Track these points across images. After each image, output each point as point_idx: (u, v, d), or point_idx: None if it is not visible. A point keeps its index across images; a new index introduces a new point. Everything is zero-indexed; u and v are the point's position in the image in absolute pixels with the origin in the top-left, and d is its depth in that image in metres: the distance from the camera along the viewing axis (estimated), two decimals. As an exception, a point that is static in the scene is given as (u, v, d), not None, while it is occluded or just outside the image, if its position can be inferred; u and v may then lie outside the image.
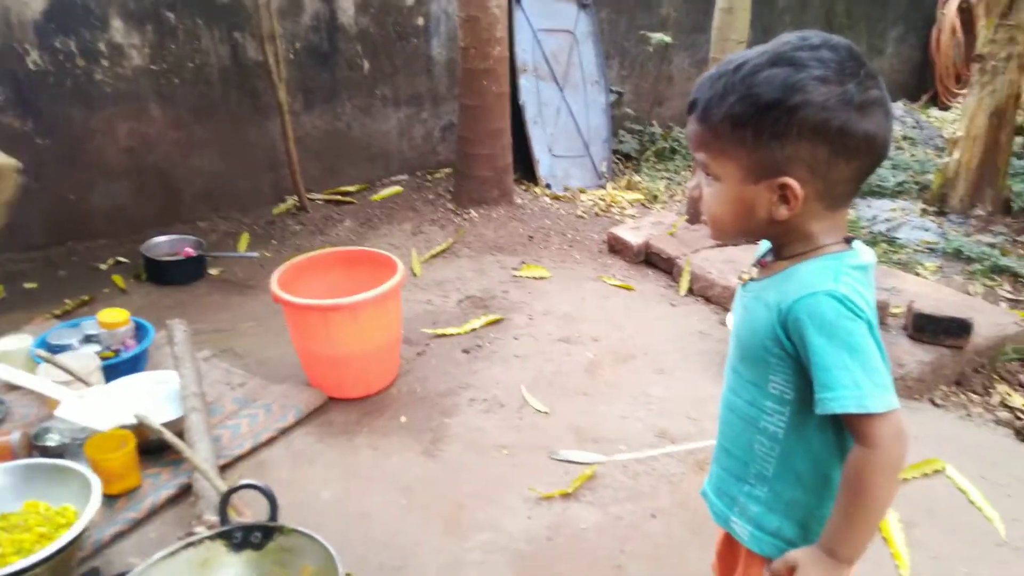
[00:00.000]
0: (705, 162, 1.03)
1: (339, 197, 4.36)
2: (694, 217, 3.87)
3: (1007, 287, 3.31)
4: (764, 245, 1.13)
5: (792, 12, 6.19)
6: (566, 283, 3.41)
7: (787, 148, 0.95)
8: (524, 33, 4.70)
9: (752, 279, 1.10)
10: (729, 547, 1.25)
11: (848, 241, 1.03)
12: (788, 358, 1.01)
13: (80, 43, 3.40)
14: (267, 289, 2.45)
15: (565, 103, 4.90)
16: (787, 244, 1.05)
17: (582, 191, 4.70)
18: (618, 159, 5.27)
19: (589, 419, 2.41)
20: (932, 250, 3.70)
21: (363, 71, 4.42)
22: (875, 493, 0.97)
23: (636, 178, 4.93)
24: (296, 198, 4.13)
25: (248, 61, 3.93)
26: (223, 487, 1.77)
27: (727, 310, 3.04)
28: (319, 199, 4.31)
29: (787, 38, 0.97)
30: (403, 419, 2.41)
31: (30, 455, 2.02)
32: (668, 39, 5.04)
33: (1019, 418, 2.42)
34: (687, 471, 2.16)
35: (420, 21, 4.56)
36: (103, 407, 2.02)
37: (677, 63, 5.76)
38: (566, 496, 2.05)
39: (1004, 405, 2.49)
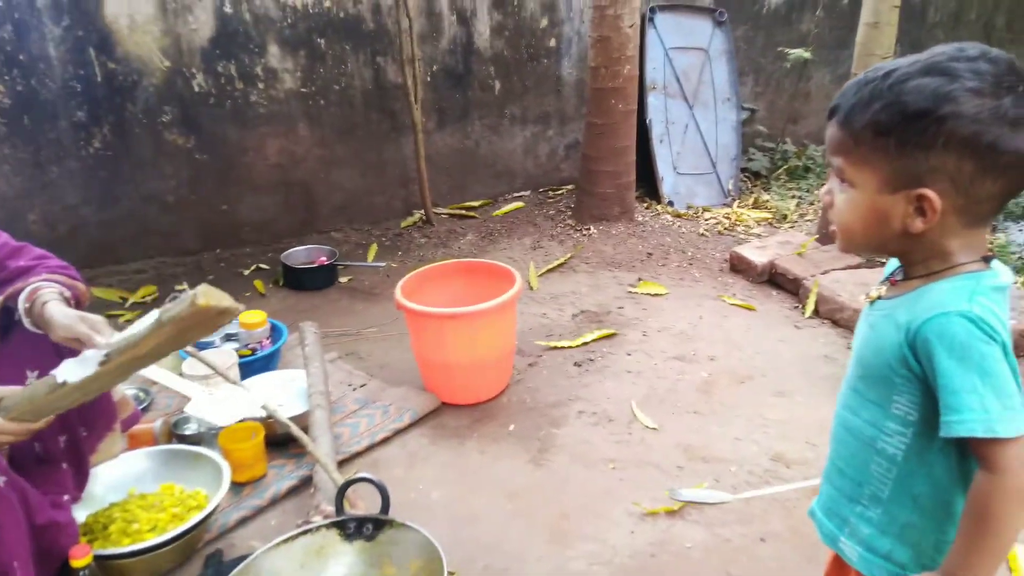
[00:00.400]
0: (841, 168, 1.00)
1: (463, 212, 4.51)
2: (826, 237, 3.69)
3: None
4: (893, 263, 1.09)
5: (944, 27, 5.80)
6: (683, 301, 3.36)
7: (931, 159, 0.91)
8: (655, 51, 4.70)
9: (880, 297, 1.07)
10: (839, 570, 1.20)
11: (987, 260, 0.98)
12: (915, 379, 0.98)
13: (240, 67, 3.73)
14: (391, 297, 2.58)
15: (694, 120, 4.83)
16: (920, 261, 1.00)
17: (706, 209, 4.60)
18: (747, 177, 5.13)
19: (700, 438, 2.35)
20: (1096, 279, 3.34)
21: (494, 91, 4.57)
22: (1002, 521, 0.92)
23: (764, 196, 4.77)
24: (423, 212, 4.32)
25: (388, 83, 4.16)
26: (340, 480, 1.88)
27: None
28: (444, 213, 4.48)
29: (942, 48, 0.94)
30: (512, 427, 2.45)
31: (170, 442, 2.23)
32: (808, 55, 4.86)
33: None
34: (801, 496, 2.06)
35: (552, 42, 4.66)
36: (230, 403, 2.19)
37: (816, 80, 5.54)
38: (671, 513, 2.02)
39: None
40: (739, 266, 3.65)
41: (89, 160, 3.44)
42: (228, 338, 2.78)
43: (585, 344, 2.97)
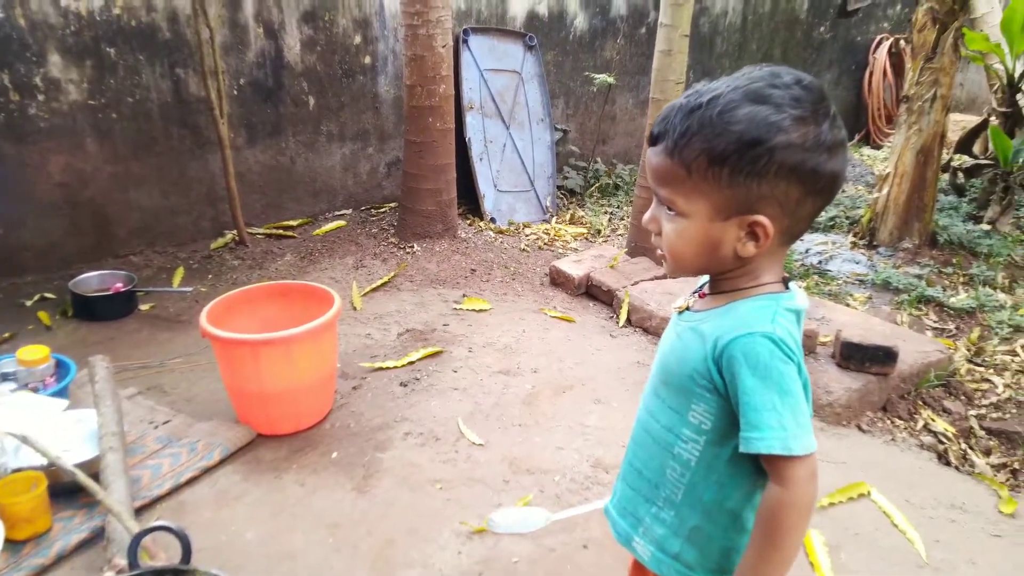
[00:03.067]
0: (670, 198, 1.00)
1: (280, 231, 4.31)
2: (636, 249, 3.92)
3: (932, 316, 3.41)
4: (704, 276, 1.13)
5: (730, 56, 6.40)
6: (507, 315, 3.41)
7: (763, 187, 0.94)
8: (471, 72, 4.78)
9: (688, 308, 1.11)
10: (640, 571, 1.25)
11: (785, 282, 1.05)
12: (714, 391, 1.02)
13: (15, 77, 3.34)
14: (199, 324, 2.39)
15: (511, 140, 4.97)
16: (731, 279, 1.05)
17: (526, 225, 4.74)
18: (563, 194, 5.34)
19: (524, 450, 2.39)
20: (862, 281, 3.80)
21: (309, 107, 4.42)
22: (789, 531, 0.97)
23: (580, 213, 4.99)
24: (235, 232, 4.08)
25: (190, 97, 3.90)
26: (135, 529, 1.70)
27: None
28: (260, 233, 4.26)
29: (757, 73, 0.96)
30: (335, 454, 2.35)
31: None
32: (612, 80, 5.16)
33: (942, 442, 2.48)
34: (620, 501, 2.14)
35: (367, 59, 4.59)
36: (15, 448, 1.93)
37: (620, 103, 5.90)
38: (498, 529, 2.02)
39: (927, 429, 2.55)
40: (558, 279, 3.78)
41: None
42: (5, 377, 2.45)
43: (411, 363, 2.92)
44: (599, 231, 4.68)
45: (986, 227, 4.41)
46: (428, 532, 2.01)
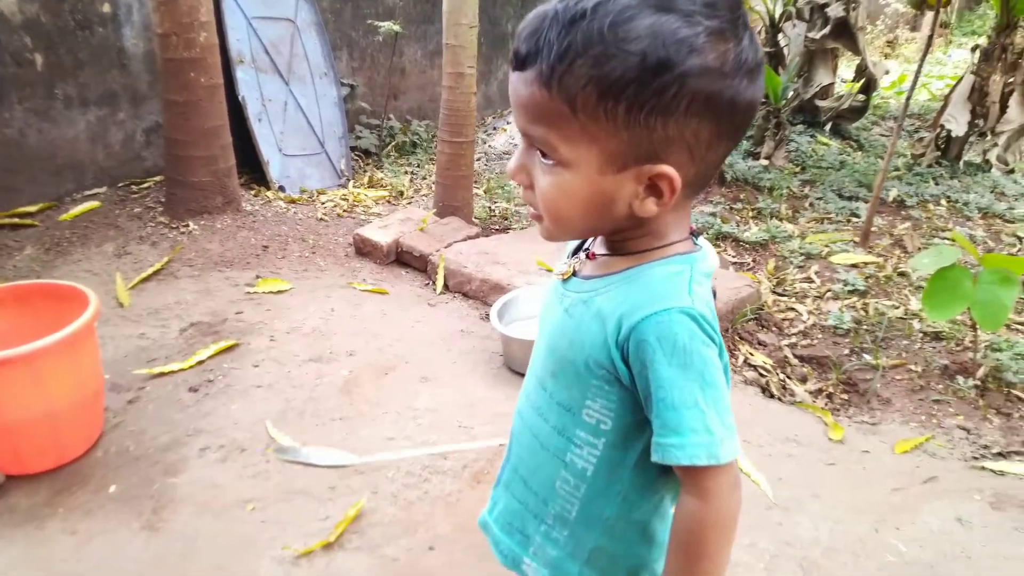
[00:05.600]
0: (547, 142, 0.74)
1: (16, 220, 3.54)
2: (444, 209, 3.69)
3: (730, 251, 3.55)
4: None
5: (513, 4, 6.29)
6: (311, 295, 3.05)
7: (669, 127, 0.72)
8: (236, 19, 4.21)
9: (575, 275, 0.86)
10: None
11: (694, 235, 0.83)
12: (615, 382, 0.80)
13: None
14: None
15: (293, 97, 4.48)
16: (632, 239, 0.82)
17: (321, 192, 4.32)
18: (357, 156, 4.96)
19: (350, 446, 2.10)
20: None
21: (36, 67, 3.64)
22: (715, 553, 0.79)
23: (379, 175, 4.66)
24: (-49, 226, 3.29)
25: None
26: None
27: (487, 304, 2.89)
28: (-13, 225, 3.48)
29: None
30: (112, 488, 1.92)
31: None
32: (398, 28, 4.82)
33: (763, 375, 2.55)
34: (463, 487, 1.94)
35: (106, 8, 3.86)
36: None
37: (409, 54, 5.57)
38: (328, 546, 1.73)
39: (748, 364, 2.61)
40: (364, 249, 3.46)
41: None
42: None
43: (200, 363, 2.49)
44: (401, 193, 4.39)
45: (764, 162, 4.70)
46: (243, 566, 1.68)
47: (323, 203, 4.15)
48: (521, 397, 0.97)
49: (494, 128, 6.11)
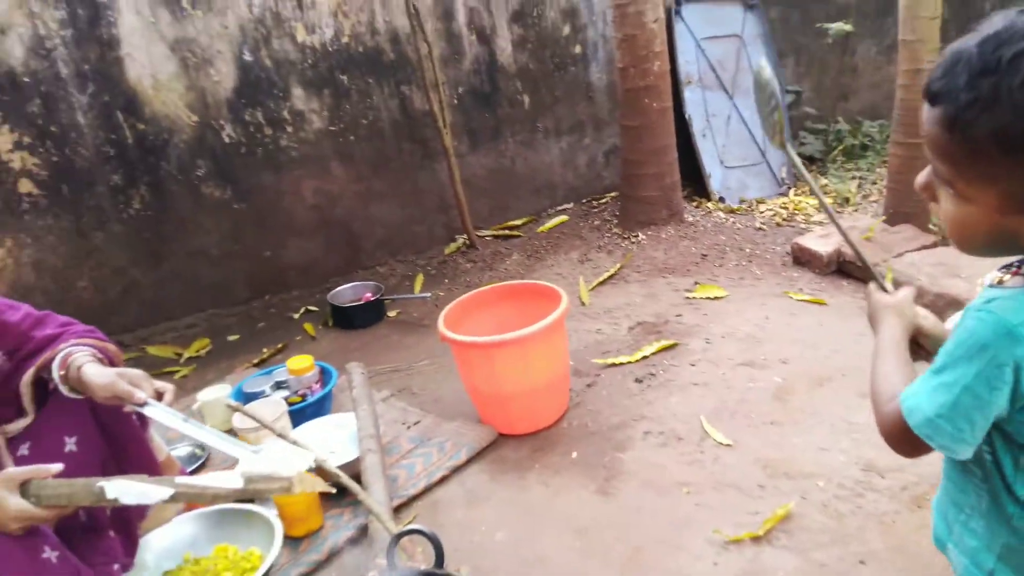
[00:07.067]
0: (947, 176, 0.79)
1: (507, 232, 4.40)
2: (895, 217, 3.44)
3: None
4: None
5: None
6: (746, 302, 3.15)
7: None
8: (686, 43, 4.53)
9: (993, 286, 0.87)
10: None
11: None
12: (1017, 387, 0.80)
13: (267, 113, 3.72)
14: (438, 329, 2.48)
15: (736, 110, 4.63)
16: None
17: (760, 201, 4.38)
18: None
19: (780, 452, 2.16)
20: None
21: (524, 106, 4.47)
22: None
23: (823, 181, 4.52)
24: (466, 236, 4.22)
25: (415, 111, 4.10)
26: (394, 530, 1.76)
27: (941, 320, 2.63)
28: (487, 235, 4.38)
29: None
30: (575, 455, 2.30)
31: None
32: (848, 27, 4.61)
33: None
34: (901, 509, 1.85)
35: (577, 49, 4.54)
36: (280, 457, 2.10)
37: (861, 52, 5.27)
38: (756, 539, 1.83)
39: None
40: (803, 258, 3.43)
41: (131, 222, 3.46)
42: (278, 386, 2.72)
43: (645, 358, 2.80)
44: (847, 200, 4.20)
45: None
46: (679, 540, 1.88)
47: (762, 212, 4.21)
48: None
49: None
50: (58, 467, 1.43)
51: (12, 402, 1.66)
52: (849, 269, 3.25)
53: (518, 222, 4.51)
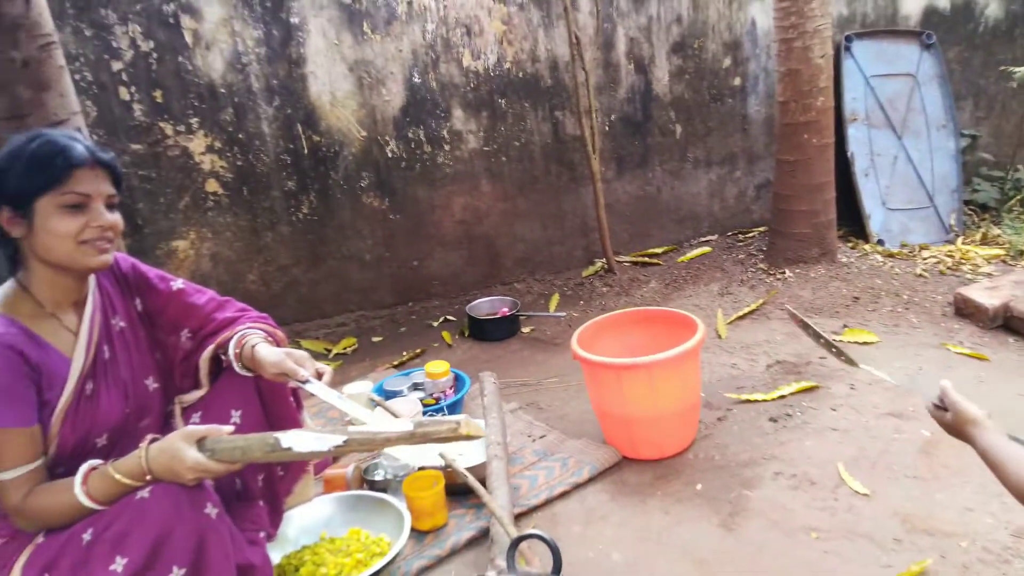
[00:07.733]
0: None
1: (646, 259, 4.39)
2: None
3: None
4: None
5: None
6: (898, 350, 2.98)
7: None
8: (854, 80, 4.37)
9: None
10: None
11: None
12: None
13: (428, 132, 3.95)
14: (571, 347, 2.53)
15: (904, 151, 4.40)
16: None
17: (923, 247, 4.11)
18: (971, 211, 4.54)
19: (921, 507, 2.02)
20: None
21: (675, 136, 4.46)
22: None
23: (995, 231, 4.19)
24: (604, 261, 4.26)
25: (566, 136, 4.21)
26: (514, 534, 1.82)
27: None
28: (626, 261, 4.39)
29: None
30: (699, 486, 2.27)
31: (360, 487, 2.31)
32: (1039, 69, 4.27)
33: None
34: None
35: (737, 81, 4.49)
36: (418, 450, 2.21)
37: (1052, 96, 4.84)
38: (889, 596, 1.73)
39: None
40: (966, 309, 3.19)
41: (298, 224, 3.78)
42: (415, 387, 2.87)
43: (782, 397, 2.71)
44: (1022, 252, 3.86)
45: None
46: (802, 585, 1.81)
47: (924, 259, 3.96)
48: None
49: None
50: (230, 428, 1.57)
51: (191, 375, 1.87)
52: (1015, 325, 2.99)
53: (658, 250, 4.50)
